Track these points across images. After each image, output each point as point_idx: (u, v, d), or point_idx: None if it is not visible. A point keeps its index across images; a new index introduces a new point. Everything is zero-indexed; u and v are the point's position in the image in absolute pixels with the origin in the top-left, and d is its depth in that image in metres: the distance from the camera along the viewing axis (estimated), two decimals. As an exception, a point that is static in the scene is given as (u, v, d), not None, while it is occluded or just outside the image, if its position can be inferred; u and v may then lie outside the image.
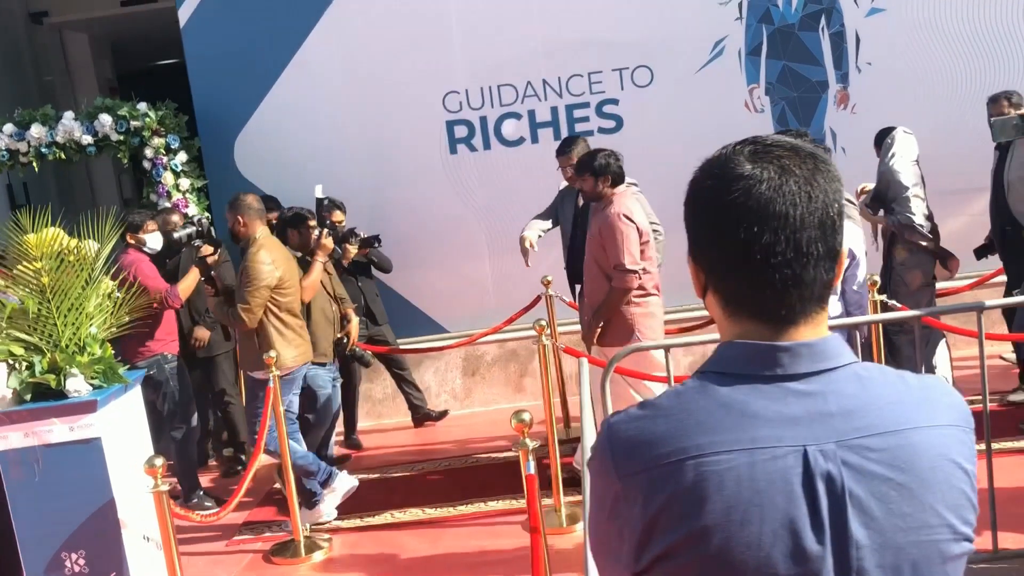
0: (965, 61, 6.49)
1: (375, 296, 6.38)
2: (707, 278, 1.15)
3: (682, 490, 1.04)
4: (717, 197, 1.10)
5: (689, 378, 1.13)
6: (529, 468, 2.99)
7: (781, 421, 1.05)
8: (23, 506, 3.25)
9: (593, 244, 4.87)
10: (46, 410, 3.19)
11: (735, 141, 1.14)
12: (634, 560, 1.08)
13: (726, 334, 1.14)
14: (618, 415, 1.14)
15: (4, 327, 3.22)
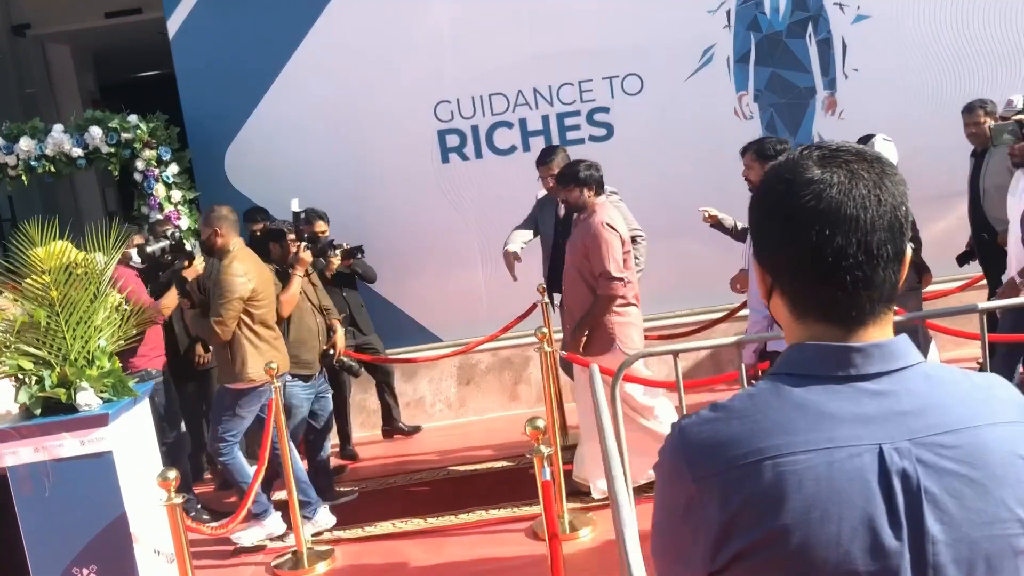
0: (949, 67, 6.59)
1: (360, 306, 6.36)
2: (774, 281, 1.17)
3: (760, 490, 1.06)
4: (788, 201, 1.12)
5: (760, 380, 1.15)
6: (545, 475, 3.00)
7: (856, 420, 1.07)
8: (33, 521, 3.22)
9: (575, 253, 4.92)
10: (56, 424, 3.17)
11: (801, 146, 1.16)
12: (710, 561, 1.10)
13: (794, 336, 1.16)
14: (688, 418, 1.15)
15: (13, 341, 3.20)
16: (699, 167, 6.63)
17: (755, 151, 4.96)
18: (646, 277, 6.46)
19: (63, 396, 3.18)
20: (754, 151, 4.97)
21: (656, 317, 6.73)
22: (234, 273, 4.67)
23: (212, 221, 4.83)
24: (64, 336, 3.20)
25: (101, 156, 6.41)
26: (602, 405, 2.68)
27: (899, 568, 1.05)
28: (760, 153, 4.92)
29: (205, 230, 4.87)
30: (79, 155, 6.38)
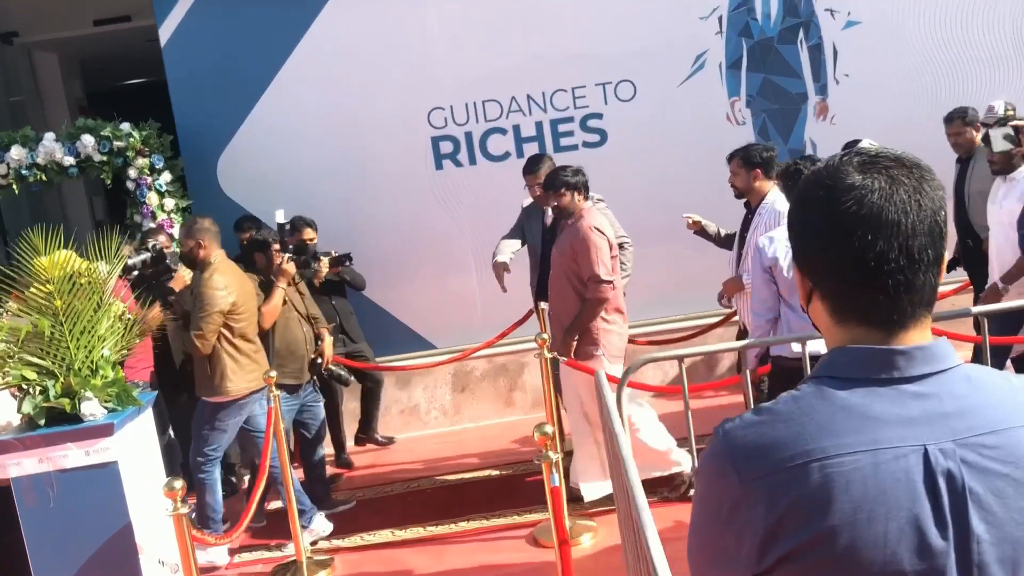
0: (939, 71, 6.66)
1: (349, 314, 6.32)
2: (814, 286, 1.18)
3: (808, 492, 1.07)
4: (829, 207, 1.13)
5: (804, 384, 1.16)
6: (554, 481, 3.00)
7: (901, 422, 1.08)
8: (37, 533, 3.19)
9: (563, 258, 4.94)
10: (61, 435, 3.14)
11: (839, 153, 1.18)
12: (756, 562, 1.11)
13: (835, 340, 1.17)
14: (732, 422, 1.16)
15: (17, 351, 3.17)
16: (692, 172, 6.66)
17: (741, 158, 5.01)
18: (642, 282, 6.50)
19: (67, 406, 3.15)
20: (740, 158, 5.02)
21: (652, 322, 6.76)
22: (214, 286, 4.65)
23: (194, 233, 4.80)
24: (68, 346, 3.18)
25: (93, 164, 6.38)
26: (612, 411, 2.69)
27: (945, 567, 1.06)
28: (746, 160, 4.97)
29: (187, 242, 4.84)
30: (71, 164, 6.35)
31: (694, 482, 1.25)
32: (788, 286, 4.00)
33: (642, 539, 1.83)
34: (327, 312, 5.97)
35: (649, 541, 1.78)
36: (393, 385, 6.95)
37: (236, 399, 4.74)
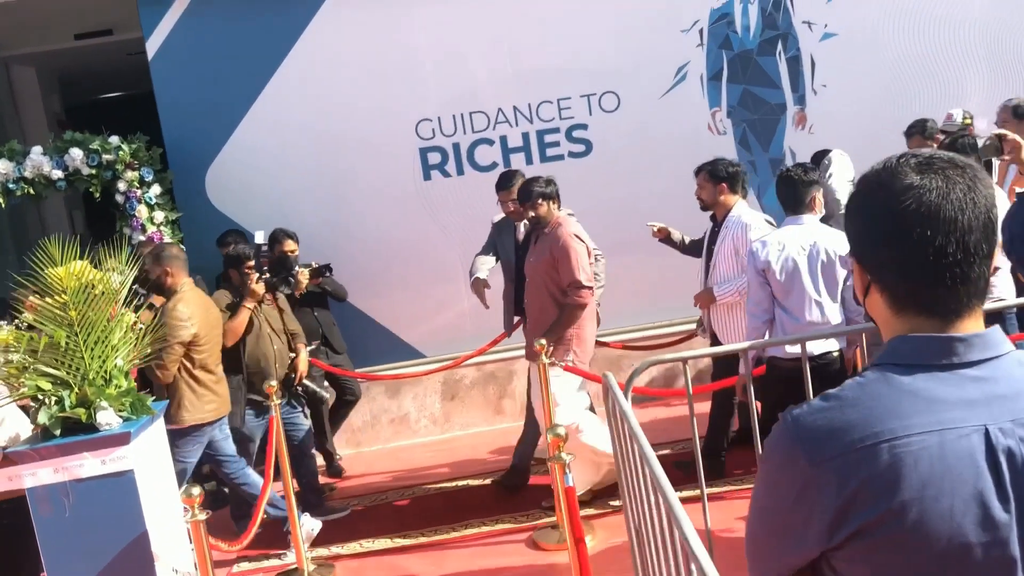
0: (913, 80, 6.85)
1: (331, 326, 6.32)
2: (873, 279, 1.28)
3: (878, 472, 1.15)
4: (889, 206, 1.23)
5: (868, 370, 1.25)
6: (568, 481, 3.08)
7: (962, 404, 1.18)
8: (53, 543, 3.21)
9: (541, 267, 5.03)
10: (77, 444, 3.17)
11: (895, 155, 1.27)
12: (826, 540, 1.20)
13: (894, 330, 1.27)
14: (799, 409, 1.25)
15: (32, 362, 3.20)
16: (675, 181, 6.72)
17: (708, 172, 5.18)
18: (628, 289, 6.63)
19: (83, 416, 3.18)
20: (707, 172, 5.19)
21: (635, 329, 6.87)
22: (178, 317, 4.67)
23: (162, 260, 4.81)
24: (82, 356, 3.20)
25: (82, 178, 6.38)
26: (628, 412, 2.77)
27: (1007, 539, 1.15)
28: (712, 174, 5.14)
29: (155, 269, 4.84)
30: (59, 177, 6.33)
31: (759, 466, 1.33)
32: (781, 288, 4.12)
33: (679, 534, 1.91)
34: (308, 324, 6.00)
35: (688, 535, 1.87)
36: (383, 394, 7.00)
37: (192, 427, 4.75)
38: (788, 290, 4.12)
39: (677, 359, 3.46)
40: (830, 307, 4.09)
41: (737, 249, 5.04)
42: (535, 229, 5.16)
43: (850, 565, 1.21)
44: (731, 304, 5.09)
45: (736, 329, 5.06)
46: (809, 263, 4.08)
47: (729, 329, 5.13)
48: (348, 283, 6.88)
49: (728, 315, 5.14)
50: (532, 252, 5.17)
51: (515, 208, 5.38)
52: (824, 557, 1.23)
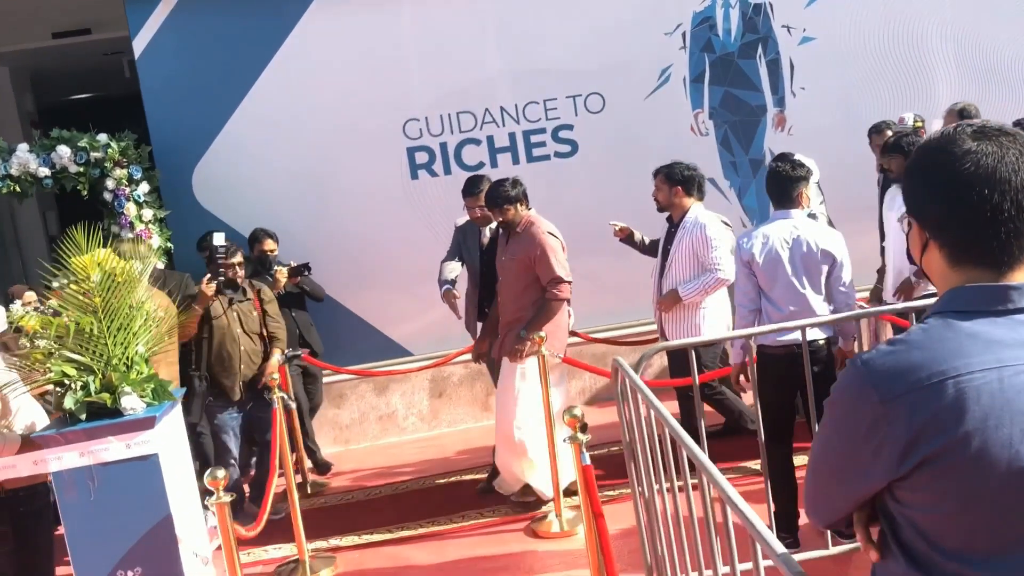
0: (889, 83, 7.08)
1: (309, 326, 6.30)
2: (932, 237, 1.41)
3: (944, 406, 1.28)
4: (950, 169, 1.36)
5: (929, 318, 1.38)
6: (584, 460, 3.17)
7: (1018, 344, 1.31)
8: (78, 526, 3.23)
9: (517, 266, 5.09)
10: (103, 428, 3.19)
11: (951, 126, 1.41)
12: (894, 470, 1.32)
13: (951, 282, 1.40)
14: (869, 353, 1.38)
15: (58, 348, 3.23)
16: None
17: (665, 175, 5.34)
18: (610, 286, 6.77)
19: (108, 401, 3.21)
20: (664, 175, 5.34)
21: (620, 326, 7.00)
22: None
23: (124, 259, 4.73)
24: (106, 342, 3.24)
25: (69, 175, 6.36)
26: (651, 397, 2.88)
27: None
28: (668, 177, 5.30)
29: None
30: (46, 175, 6.31)
31: (826, 411, 1.45)
32: (766, 280, 4.23)
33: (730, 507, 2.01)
34: (287, 325, 6.00)
35: (735, 498, 1.97)
36: (371, 392, 7.05)
37: None
38: (772, 282, 4.22)
39: (684, 345, 3.58)
40: (813, 298, 4.19)
41: (696, 250, 5.18)
42: (506, 229, 5.21)
43: (913, 493, 1.33)
44: (683, 304, 5.21)
45: (686, 327, 5.21)
46: (792, 255, 4.17)
47: (679, 328, 5.25)
48: (336, 282, 6.95)
49: (679, 314, 5.25)
50: (504, 251, 5.22)
51: (482, 214, 5.40)
52: (888, 488, 1.36)
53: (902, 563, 1.36)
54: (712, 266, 5.15)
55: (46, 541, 3.68)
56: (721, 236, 5.20)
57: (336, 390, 7.01)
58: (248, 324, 5.36)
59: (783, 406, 4.21)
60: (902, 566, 1.36)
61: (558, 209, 6.93)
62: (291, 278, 5.99)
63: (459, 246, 5.81)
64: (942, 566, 1.31)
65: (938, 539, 1.31)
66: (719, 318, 5.33)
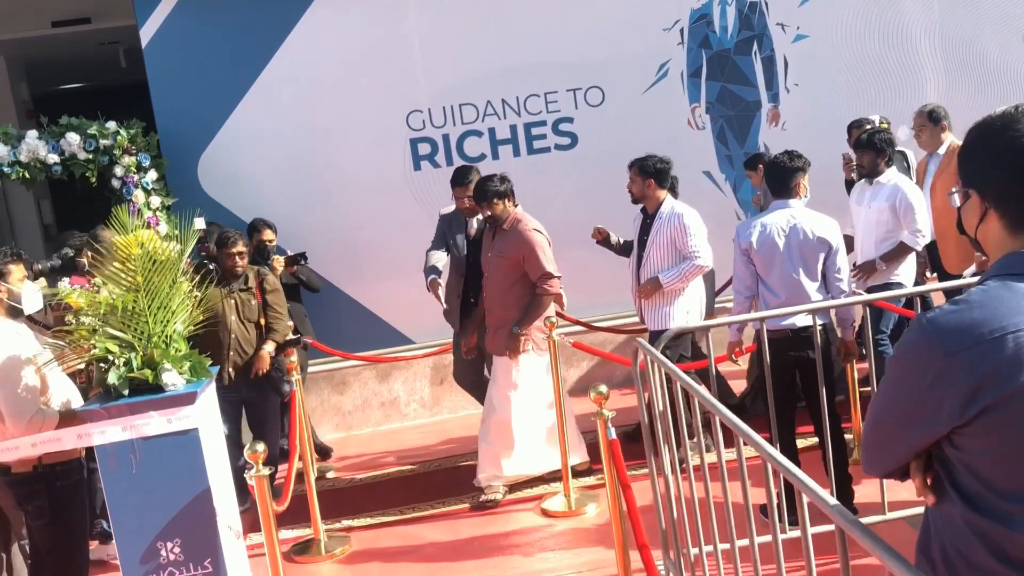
0: (880, 81, 7.28)
1: (304, 317, 6.31)
2: (992, 206, 1.56)
3: (1005, 358, 1.43)
4: (1012, 144, 1.52)
5: (988, 280, 1.53)
6: (611, 434, 3.32)
7: None
8: (120, 498, 3.33)
9: (505, 263, 5.18)
10: (145, 403, 3.30)
11: (1010, 106, 1.56)
12: (956, 418, 1.48)
13: (1008, 248, 1.56)
14: (933, 312, 1.53)
15: (101, 325, 3.32)
16: (657, 174, 7.08)
17: (638, 167, 5.50)
18: (610, 277, 6.91)
19: (149, 377, 3.32)
20: (638, 167, 5.50)
21: (618, 316, 7.14)
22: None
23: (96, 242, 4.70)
24: (147, 320, 3.35)
25: (78, 162, 6.42)
26: (675, 369, 3.03)
27: None
28: (642, 169, 5.46)
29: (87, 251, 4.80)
30: (55, 161, 6.37)
31: (889, 368, 1.60)
32: (763, 267, 4.39)
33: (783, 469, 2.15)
34: None
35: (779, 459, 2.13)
36: (374, 379, 7.17)
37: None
38: (769, 268, 4.38)
39: (702, 327, 3.73)
40: (808, 285, 4.34)
41: (674, 239, 5.33)
42: (492, 225, 5.30)
43: (972, 439, 1.48)
44: (662, 292, 5.35)
45: (665, 315, 5.34)
46: (788, 243, 4.33)
47: (659, 316, 5.38)
48: (339, 270, 7.08)
49: (658, 302, 5.39)
50: (491, 248, 5.30)
51: (470, 204, 5.50)
52: (948, 436, 1.51)
53: (958, 504, 1.51)
54: (690, 253, 5.30)
55: (80, 515, 3.79)
56: (697, 225, 5.36)
57: (339, 377, 7.12)
58: (245, 312, 5.36)
59: (782, 389, 4.33)
60: (958, 507, 1.51)
61: (558, 200, 7.14)
62: (287, 267, 6.06)
63: (444, 236, 5.87)
64: (995, 505, 1.46)
65: (993, 481, 1.47)
66: (694, 306, 5.48)
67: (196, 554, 3.38)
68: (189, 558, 3.38)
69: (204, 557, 3.39)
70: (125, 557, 3.35)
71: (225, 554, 3.43)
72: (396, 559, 4.79)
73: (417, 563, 4.70)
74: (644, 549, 2.97)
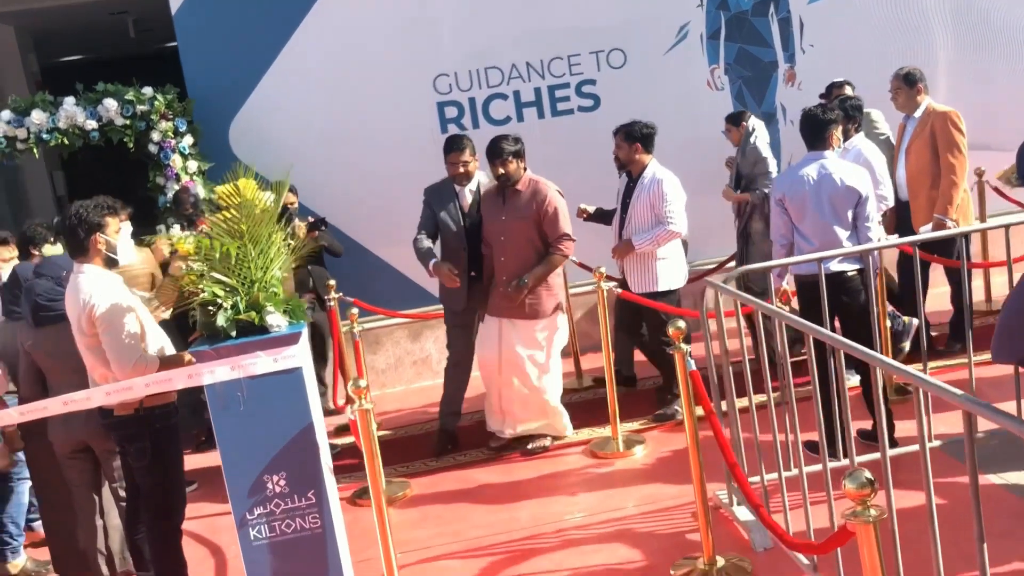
0: (892, 42, 7.51)
1: (325, 280, 6.33)
2: None
3: None
4: None
5: None
6: (690, 366, 3.54)
7: None
8: (228, 435, 3.50)
9: (523, 225, 5.19)
10: (252, 344, 3.46)
11: None
12: None
13: None
14: None
15: (208, 271, 3.49)
16: (677, 134, 7.26)
17: (624, 133, 5.68)
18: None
19: (255, 319, 3.49)
20: (624, 133, 5.68)
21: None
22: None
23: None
24: (250, 265, 3.52)
25: (116, 128, 6.52)
26: (758, 300, 3.25)
27: None
28: (628, 135, 5.65)
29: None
30: (93, 127, 6.47)
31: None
32: (797, 215, 4.62)
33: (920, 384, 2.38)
34: (301, 278, 6.23)
35: (900, 367, 2.35)
36: (406, 338, 7.35)
37: None
38: (802, 217, 4.60)
39: (765, 268, 3.97)
40: (841, 232, 4.57)
41: (652, 204, 5.53)
42: (503, 187, 5.31)
43: None
44: (641, 254, 5.56)
45: (648, 278, 5.57)
46: (820, 192, 4.54)
47: (642, 279, 5.61)
48: (368, 232, 7.25)
49: (638, 263, 5.60)
50: (503, 211, 5.29)
51: (465, 170, 5.48)
52: None
53: None
54: (665, 219, 5.51)
55: (177, 455, 3.96)
56: (675, 192, 5.55)
57: (372, 336, 7.29)
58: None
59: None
60: None
61: (582, 161, 7.31)
62: (309, 233, 6.12)
63: (432, 217, 5.65)
64: None
65: None
66: (677, 268, 5.69)
67: (300, 486, 3.57)
68: (294, 490, 3.56)
69: (308, 489, 3.58)
70: (234, 491, 3.53)
71: (326, 486, 3.63)
72: (457, 500, 5.00)
73: (478, 504, 4.92)
74: (735, 468, 3.20)
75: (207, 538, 4.95)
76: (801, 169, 4.62)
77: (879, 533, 2.16)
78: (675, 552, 3.98)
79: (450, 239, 5.61)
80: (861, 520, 2.11)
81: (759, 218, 5.89)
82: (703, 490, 3.65)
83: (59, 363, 4.09)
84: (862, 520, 2.11)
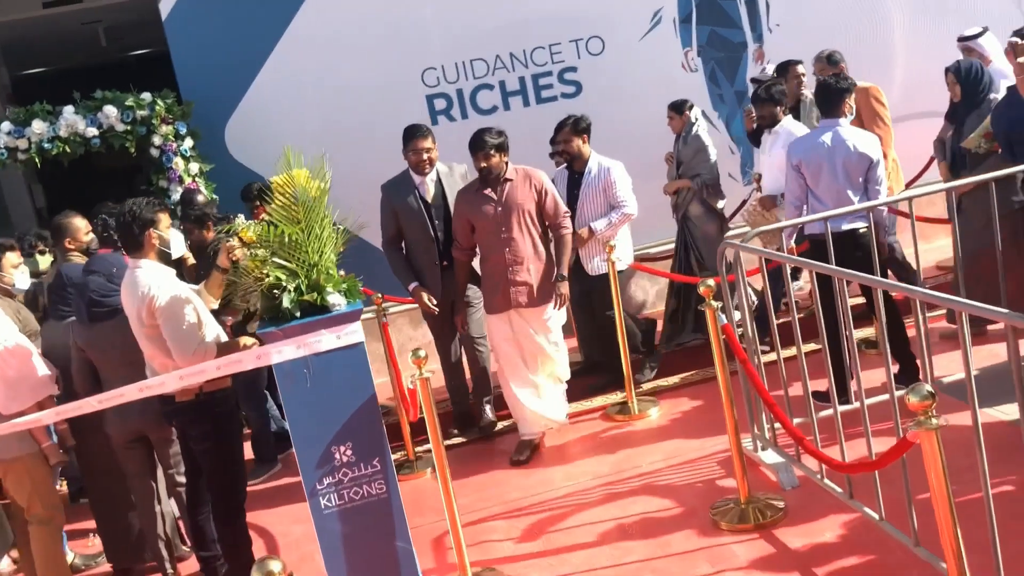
0: (859, 19, 7.92)
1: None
2: None
3: None
4: None
5: None
6: (721, 320, 3.84)
7: None
8: (297, 410, 3.70)
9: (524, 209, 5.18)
10: (316, 323, 3.67)
11: None
12: None
13: None
14: None
15: (269, 256, 3.70)
16: (656, 115, 7.57)
17: (572, 128, 5.92)
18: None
19: (317, 299, 3.71)
20: (571, 128, 5.92)
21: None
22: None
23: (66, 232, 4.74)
24: (307, 250, 3.73)
25: (117, 134, 6.64)
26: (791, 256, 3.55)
27: None
28: (575, 129, 5.90)
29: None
30: (94, 135, 6.58)
31: None
32: (812, 179, 4.96)
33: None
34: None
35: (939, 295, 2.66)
36: (407, 325, 7.58)
37: None
38: (816, 180, 4.95)
39: (777, 228, 4.29)
40: (852, 195, 4.92)
41: (605, 190, 5.82)
42: (486, 180, 5.25)
43: None
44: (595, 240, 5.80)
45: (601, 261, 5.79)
46: (834, 158, 4.89)
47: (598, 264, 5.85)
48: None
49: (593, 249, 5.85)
50: (498, 203, 5.21)
51: (428, 157, 5.49)
52: None
53: None
54: (619, 203, 5.83)
55: (237, 438, 4.17)
56: (624, 177, 5.88)
57: (373, 324, 7.49)
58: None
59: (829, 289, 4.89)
60: None
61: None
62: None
63: (394, 216, 5.62)
64: None
65: None
66: (626, 250, 6.03)
67: (366, 455, 3.79)
68: (360, 459, 3.78)
69: (373, 456, 3.80)
70: (304, 462, 3.74)
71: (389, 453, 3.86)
72: (488, 470, 5.26)
73: (511, 470, 5.19)
74: (773, 407, 3.51)
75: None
76: (817, 136, 4.95)
77: (940, 440, 2.46)
78: (709, 497, 4.29)
79: (415, 230, 5.57)
80: (925, 428, 2.41)
81: (698, 203, 6.24)
82: (736, 434, 3.96)
83: (113, 357, 4.26)
84: (926, 428, 2.41)
